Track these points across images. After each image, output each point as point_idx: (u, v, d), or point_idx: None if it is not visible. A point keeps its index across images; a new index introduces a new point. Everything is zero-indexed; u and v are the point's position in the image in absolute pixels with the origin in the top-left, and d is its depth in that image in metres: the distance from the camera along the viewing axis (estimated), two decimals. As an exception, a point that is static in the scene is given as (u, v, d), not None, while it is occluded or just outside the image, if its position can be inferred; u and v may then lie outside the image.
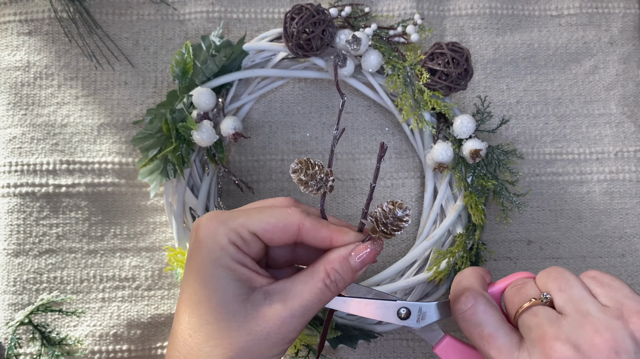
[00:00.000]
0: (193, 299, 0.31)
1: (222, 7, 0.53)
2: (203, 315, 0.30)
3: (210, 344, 0.30)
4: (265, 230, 0.31)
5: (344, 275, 0.32)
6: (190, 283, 0.31)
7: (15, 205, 0.49)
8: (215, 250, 0.31)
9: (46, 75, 0.52)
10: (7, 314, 0.48)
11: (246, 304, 0.30)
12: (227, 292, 0.30)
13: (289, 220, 0.32)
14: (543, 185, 0.51)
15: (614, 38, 0.54)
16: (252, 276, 0.31)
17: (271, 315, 0.30)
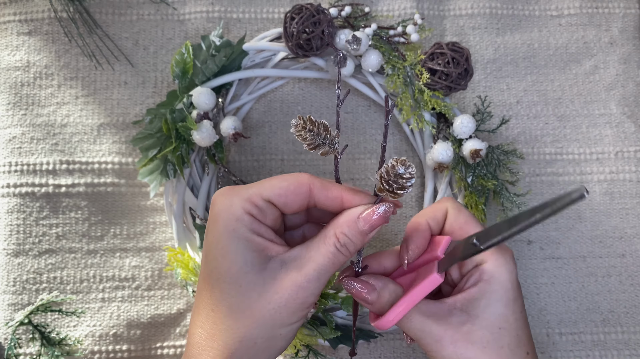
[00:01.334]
0: (213, 274, 0.31)
1: (222, 7, 0.53)
2: (224, 289, 0.31)
3: (232, 317, 0.31)
4: (279, 194, 0.32)
5: (354, 239, 0.32)
6: (209, 258, 0.32)
7: (15, 205, 0.49)
8: (231, 222, 0.31)
9: (46, 75, 0.52)
10: (7, 314, 0.48)
11: (264, 273, 0.31)
12: (246, 263, 0.31)
13: (299, 181, 0.32)
14: (543, 185, 0.51)
15: (614, 38, 0.54)
16: (268, 245, 0.32)
17: (288, 282, 0.31)
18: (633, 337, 0.49)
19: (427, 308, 0.34)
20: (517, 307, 0.34)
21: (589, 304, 0.49)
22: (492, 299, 0.33)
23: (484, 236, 0.32)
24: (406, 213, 0.51)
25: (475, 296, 0.34)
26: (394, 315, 0.33)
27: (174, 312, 0.49)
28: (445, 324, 0.33)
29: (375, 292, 0.34)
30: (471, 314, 0.33)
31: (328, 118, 0.52)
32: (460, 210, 0.36)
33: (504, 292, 0.33)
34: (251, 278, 0.31)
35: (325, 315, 0.45)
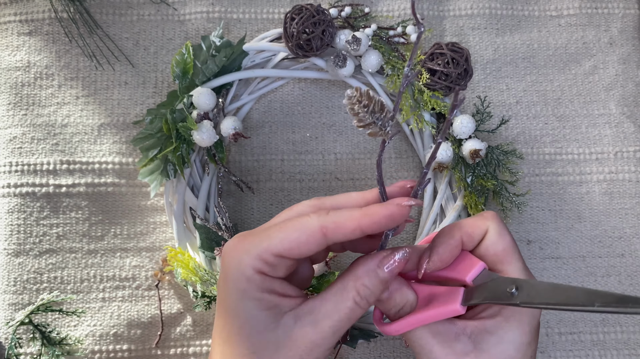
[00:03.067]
0: (225, 330, 0.31)
1: (222, 7, 0.53)
2: (235, 348, 0.30)
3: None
4: (290, 249, 0.30)
5: (374, 289, 0.31)
6: (221, 314, 0.31)
7: (16, 205, 0.49)
8: (241, 282, 0.30)
9: (46, 76, 0.52)
10: (8, 314, 0.48)
11: (277, 331, 0.30)
12: (258, 323, 0.30)
13: (310, 230, 0.30)
14: (543, 185, 0.51)
15: (613, 38, 0.54)
16: (281, 302, 0.30)
17: (302, 339, 0.30)
18: (632, 337, 0.49)
19: (435, 325, 0.32)
20: (529, 352, 0.32)
21: (589, 304, 0.49)
22: (505, 339, 0.31)
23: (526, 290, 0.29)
24: (406, 213, 0.51)
25: (488, 329, 0.31)
26: (400, 327, 0.32)
27: (174, 312, 0.49)
28: (448, 348, 0.31)
29: (387, 291, 0.32)
30: (477, 347, 0.31)
31: (328, 118, 0.52)
32: (502, 234, 0.33)
33: (520, 335, 0.31)
34: (264, 337, 0.30)
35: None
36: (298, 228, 0.30)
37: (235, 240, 0.31)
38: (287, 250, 0.30)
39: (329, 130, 0.52)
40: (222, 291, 0.31)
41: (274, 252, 0.30)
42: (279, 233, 0.30)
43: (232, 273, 0.30)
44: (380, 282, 0.31)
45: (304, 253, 0.30)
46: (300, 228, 0.30)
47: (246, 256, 0.30)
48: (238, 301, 0.30)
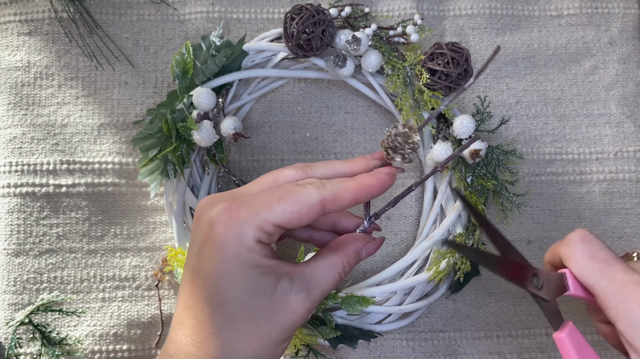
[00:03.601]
0: (216, 299, 0.30)
1: (222, 7, 0.53)
2: (230, 313, 0.30)
3: (238, 340, 0.30)
4: (290, 220, 0.30)
5: (353, 266, 0.34)
6: (209, 282, 0.30)
7: (16, 205, 0.49)
8: (242, 253, 0.30)
9: (46, 75, 0.52)
10: (8, 314, 0.48)
11: (274, 296, 0.31)
12: (256, 289, 0.30)
13: (310, 202, 0.31)
14: (543, 185, 0.51)
15: (613, 38, 0.54)
16: (276, 266, 0.31)
17: (298, 306, 0.31)
18: (632, 337, 0.49)
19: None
20: None
21: (589, 304, 0.49)
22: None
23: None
24: (406, 213, 0.51)
25: None
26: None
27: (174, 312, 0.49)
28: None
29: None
30: None
31: (328, 118, 0.52)
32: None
33: None
34: (262, 302, 0.30)
35: (325, 315, 0.45)
36: (298, 200, 0.30)
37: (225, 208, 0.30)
38: (287, 221, 0.30)
39: (329, 130, 0.52)
40: (211, 261, 0.30)
41: (274, 222, 0.30)
42: (279, 203, 0.30)
43: (229, 244, 0.30)
44: (358, 261, 0.34)
45: (302, 224, 0.31)
46: (300, 200, 0.30)
47: (246, 227, 0.30)
48: (237, 270, 0.30)
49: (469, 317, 0.49)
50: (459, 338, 0.48)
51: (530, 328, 0.49)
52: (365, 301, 0.44)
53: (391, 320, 0.47)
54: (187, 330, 0.32)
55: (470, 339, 0.48)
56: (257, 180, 0.34)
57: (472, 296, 0.49)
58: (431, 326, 0.49)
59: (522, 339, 0.48)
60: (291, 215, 0.30)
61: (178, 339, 0.32)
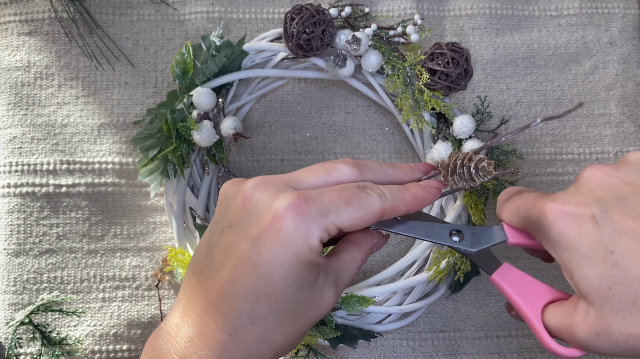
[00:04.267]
0: (265, 291, 0.29)
1: (222, 7, 0.53)
2: (275, 305, 0.30)
3: (276, 331, 0.30)
4: (353, 224, 0.31)
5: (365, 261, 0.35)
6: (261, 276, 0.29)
7: (16, 205, 0.49)
8: (304, 252, 0.29)
9: (46, 75, 0.52)
10: (8, 314, 0.48)
11: (314, 290, 0.31)
12: (303, 283, 0.30)
13: (373, 211, 0.31)
14: (543, 185, 0.51)
15: (613, 38, 0.54)
16: (319, 261, 0.31)
17: (329, 299, 0.32)
18: (632, 337, 0.49)
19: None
20: None
21: (589, 304, 0.49)
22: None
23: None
24: (406, 213, 0.51)
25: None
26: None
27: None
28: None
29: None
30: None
31: (328, 118, 0.52)
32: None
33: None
34: (303, 296, 0.31)
35: (325, 315, 0.45)
36: (364, 207, 0.31)
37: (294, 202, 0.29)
38: (349, 226, 0.31)
39: (329, 130, 0.52)
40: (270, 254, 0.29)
41: (339, 225, 0.30)
42: (347, 207, 0.30)
43: (296, 240, 0.29)
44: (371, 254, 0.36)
45: (358, 229, 0.32)
46: (366, 207, 0.31)
47: (315, 227, 0.30)
48: (295, 266, 0.29)
49: (469, 317, 0.49)
50: (459, 338, 0.48)
51: (530, 328, 0.49)
52: (365, 301, 0.44)
53: (391, 320, 0.47)
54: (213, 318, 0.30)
55: (470, 339, 0.48)
56: (309, 170, 0.33)
57: (472, 296, 0.49)
58: (431, 326, 0.49)
59: (522, 339, 0.48)
60: (355, 220, 0.31)
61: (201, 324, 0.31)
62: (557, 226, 0.30)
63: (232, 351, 0.30)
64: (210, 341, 0.30)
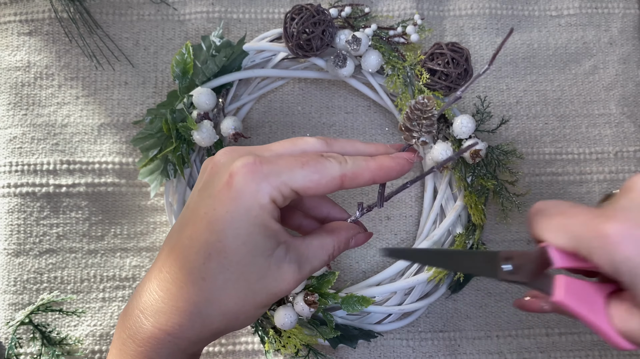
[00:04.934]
0: (217, 247, 0.30)
1: (222, 7, 0.53)
2: (224, 263, 0.30)
3: (225, 293, 0.30)
4: (308, 188, 0.31)
5: (341, 252, 0.35)
6: (214, 228, 0.30)
7: (16, 205, 0.49)
8: (254, 208, 0.30)
9: (46, 75, 0.52)
10: (8, 314, 0.48)
11: (270, 260, 0.31)
12: (257, 247, 0.30)
13: (331, 175, 0.31)
14: (543, 185, 0.51)
15: (613, 38, 0.54)
16: (279, 232, 0.31)
17: (288, 276, 0.31)
18: (632, 337, 0.49)
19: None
20: None
21: (589, 304, 0.49)
22: None
23: None
24: (406, 213, 0.51)
25: None
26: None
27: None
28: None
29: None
30: None
31: (328, 118, 0.52)
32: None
33: None
34: (258, 261, 0.30)
35: (325, 315, 0.45)
36: (320, 170, 0.31)
37: (249, 163, 0.30)
38: (305, 188, 0.31)
39: (329, 130, 0.52)
40: (224, 207, 0.30)
41: (293, 187, 0.30)
42: (300, 169, 0.30)
43: (245, 197, 0.30)
44: (346, 248, 0.35)
45: (317, 194, 0.31)
46: (322, 170, 0.31)
47: (265, 184, 0.30)
48: (245, 224, 0.30)
49: (469, 317, 0.49)
50: (459, 338, 0.48)
51: (530, 328, 0.49)
52: (365, 301, 0.44)
53: (391, 320, 0.47)
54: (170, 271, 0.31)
55: (470, 339, 0.48)
56: (277, 142, 0.33)
57: (472, 296, 0.49)
58: (431, 326, 0.49)
59: (522, 339, 0.48)
60: (310, 183, 0.31)
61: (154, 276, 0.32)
62: (623, 249, 0.27)
63: (183, 304, 0.30)
64: (164, 294, 0.31)
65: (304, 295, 0.44)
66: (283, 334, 0.45)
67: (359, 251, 0.50)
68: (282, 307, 0.44)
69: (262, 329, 0.46)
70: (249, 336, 0.48)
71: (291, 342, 0.45)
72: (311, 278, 0.45)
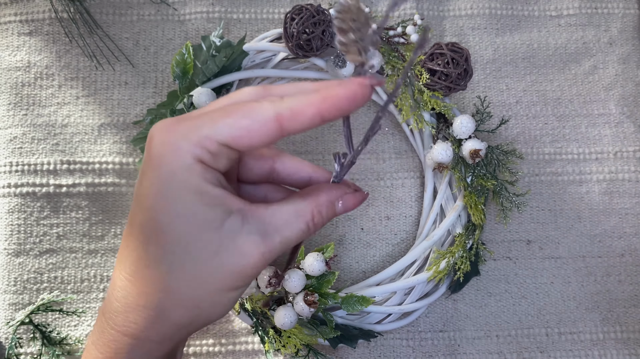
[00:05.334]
0: (150, 225, 0.26)
1: (222, 7, 0.53)
2: (165, 245, 0.26)
3: (175, 277, 0.26)
4: (239, 136, 0.25)
5: (326, 219, 0.29)
6: (144, 205, 0.26)
7: (16, 205, 0.49)
8: (178, 170, 0.25)
9: (47, 76, 0.52)
10: (8, 314, 0.48)
11: (220, 232, 0.26)
12: (196, 220, 0.26)
13: (263, 117, 0.25)
14: (543, 185, 0.51)
15: (613, 38, 0.54)
16: (227, 198, 0.26)
17: (250, 249, 0.27)
18: (632, 336, 0.49)
19: None
20: None
21: (588, 303, 0.49)
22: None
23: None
24: (406, 213, 0.51)
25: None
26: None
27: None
28: None
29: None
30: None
31: (328, 118, 0.52)
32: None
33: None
34: (204, 237, 0.26)
35: (325, 315, 0.45)
36: (248, 114, 0.25)
37: (165, 123, 0.26)
38: (234, 138, 0.25)
39: (329, 130, 0.52)
40: (147, 179, 0.26)
41: (219, 140, 0.25)
42: (225, 118, 0.25)
43: (165, 159, 0.25)
44: (333, 214, 0.29)
45: (253, 144, 0.26)
46: (250, 114, 0.25)
47: (184, 142, 0.25)
48: (174, 192, 0.25)
49: (469, 317, 0.49)
50: (459, 338, 0.48)
51: (530, 328, 0.49)
52: (365, 301, 0.45)
53: (391, 320, 0.47)
54: (119, 258, 0.28)
55: (470, 339, 0.48)
56: (212, 103, 0.29)
57: (472, 296, 0.49)
58: (431, 326, 0.49)
59: (522, 339, 0.48)
60: (239, 131, 0.25)
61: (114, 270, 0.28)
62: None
63: (133, 300, 0.27)
64: (119, 292, 0.28)
65: (304, 294, 0.44)
66: (283, 334, 0.45)
67: (359, 251, 0.50)
68: (282, 307, 0.44)
69: (262, 329, 0.46)
70: (249, 336, 0.48)
71: (291, 342, 0.45)
72: (311, 278, 0.45)
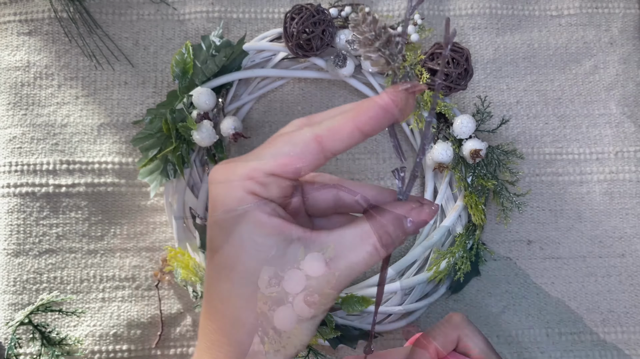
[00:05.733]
0: (219, 263, 0.27)
1: (222, 7, 0.53)
2: (235, 281, 0.27)
3: (245, 308, 0.27)
4: (283, 164, 0.26)
5: (396, 240, 0.28)
6: (212, 248, 0.27)
7: (15, 205, 0.49)
8: (231, 206, 0.26)
9: (46, 75, 0.52)
10: (7, 314, 0.48)
11: (283, 260, 0.27)
12: (258, 249, 0.26)
13: (302, 141, 0.26)
14: (543, 185, 0.51)
15: (614, 38, 0.54)
16: (285, 226, 0.27)
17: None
18: (633, 337, 0.49)
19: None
20: None
21: (589, 304, 0.49)
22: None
23: None
24: (406, 213, 0.51)
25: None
26: None
27: (174, 312, 0.49)
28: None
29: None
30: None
31: (328, 118, 0.52)
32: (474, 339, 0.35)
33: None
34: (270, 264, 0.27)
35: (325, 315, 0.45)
36: (289, 141, 0.26)
37: (220, 165, 0.28)
38: (279, 166, 0.26)
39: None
40: (210, 220, 0.27)
41: (265, 170, 0.26)
42: (268, 149, 0.27)
43: (219, 197, 0.27)
44: (404, 233, 0.28)
45: (298, 168, 0.26)
46: (291, 140, 0.26)
47: (234, 177, 0.26)
48: (230, 227, 0.26)
49: (469, 317, 0.49)
50: (459, 338, 0.48)
51: (530, 328, 0.49)
52: (365, 301, 0.44)
53: (391, 320, 0.47)
54: (204, 306, 0.29)
55: (471, 339, 0.48)
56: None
57: (473, 297, 0.49)
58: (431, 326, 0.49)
59: (522, 339, 0.48)
60: (283, 159, 0.26)
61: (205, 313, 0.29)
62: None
63: (213, 335, 0.28)
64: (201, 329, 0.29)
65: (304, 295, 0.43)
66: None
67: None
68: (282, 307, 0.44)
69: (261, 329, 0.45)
70: (249, 336, 0.48)
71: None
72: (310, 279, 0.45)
